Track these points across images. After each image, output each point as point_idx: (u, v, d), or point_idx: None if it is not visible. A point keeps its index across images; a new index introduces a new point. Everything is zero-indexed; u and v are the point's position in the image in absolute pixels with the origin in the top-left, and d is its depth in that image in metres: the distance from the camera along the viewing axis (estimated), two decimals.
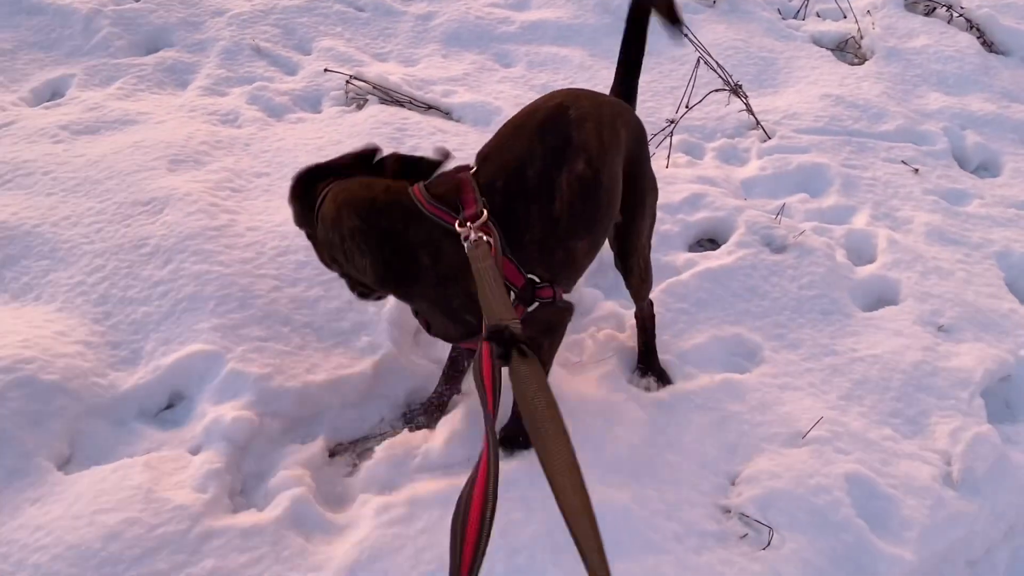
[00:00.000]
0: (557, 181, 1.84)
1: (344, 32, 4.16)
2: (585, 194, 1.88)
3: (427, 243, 1.81)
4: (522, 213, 1.83)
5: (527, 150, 1.87)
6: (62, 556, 1.80)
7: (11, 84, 3.67)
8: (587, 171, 1.87)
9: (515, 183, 1.84)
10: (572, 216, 1.87)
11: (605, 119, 1.95)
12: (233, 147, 3.24)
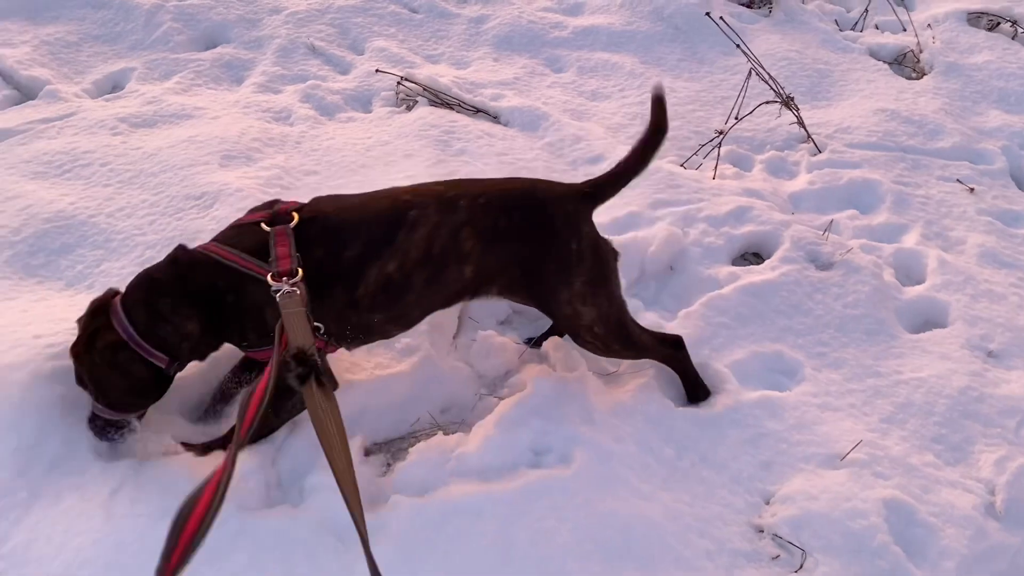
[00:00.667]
0: (367, 272, 2.00)
1: (397, 33, 4.20)
2: (388, 289, 2.02)
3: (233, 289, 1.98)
4: (328, 285, 1.98)
5: (353, 232, 2.02)
6: (100, 541, 1.86)
7: (75, 76, 3.77)
8: (396, 273, 2.01)
9: (331, 260, 1.99)
10: (373, 302, 2.03)
11: (447, 228, 2.02)
12: (284, 144, 3.29)
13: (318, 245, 1.99)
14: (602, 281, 2.16)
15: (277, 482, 2.10)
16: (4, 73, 3.68)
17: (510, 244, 2.07)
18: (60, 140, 3.19)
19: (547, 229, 2.09)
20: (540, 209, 2.10)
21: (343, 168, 3.17)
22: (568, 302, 2.12)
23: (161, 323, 1.98)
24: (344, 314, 2.03)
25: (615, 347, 2.27)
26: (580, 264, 2.10)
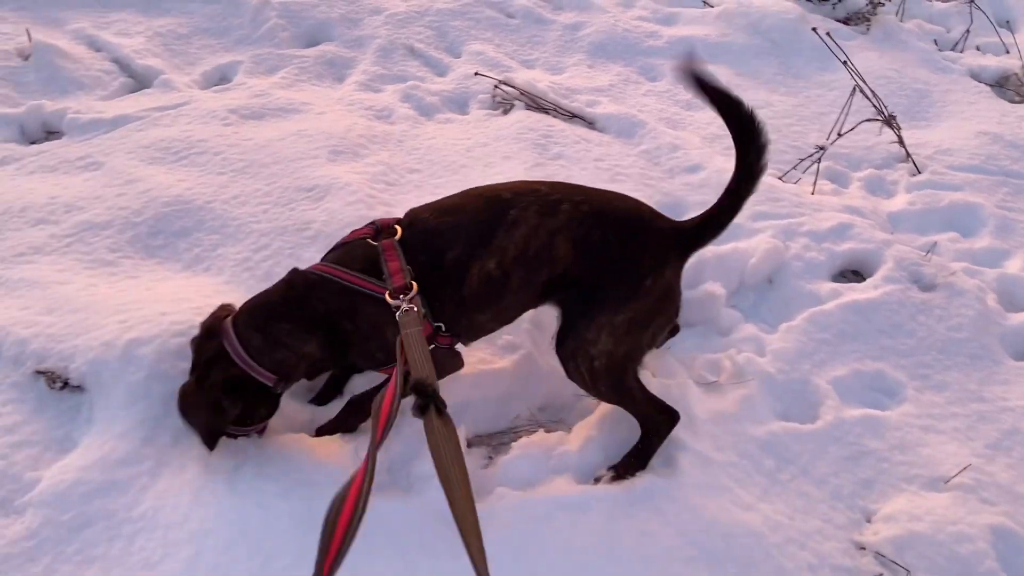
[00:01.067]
0: (469, 271, 2.03)
1: (494, 38, 4.27)
2: (489, 286, 2.05)
3: (350, 312, 2.03)
4: (436, 289, 2.02)
5: (453, 233, 2.05)
6: (224, 514, 1.94)
7: (185, 67, 3.92)
8: (496, 271, 2.04)
9: (435, 263, 2.03)
10: (477, 298, 2.06)
11: (544, 232, 2.04)
12: (387, 142, 3.37)
13: (422, 252, 2.03)
14: (643, 326, 2.10)
15: (388, 466, 2.16)
16: (121, 61, 3.84)
17: (596, 255, 2.07)
18: (175, 128, 3.32)
19: (634, 256, 2.07)
20: (637, 234, 2.08)
21: (444, 167, 3.24)
22: (600, 326, 2.05)
23: (278, 349, 2.04)
24: (455, 314, 2.07)
25: (601, 387, 2.15)
26: (640, 301, 2.06)
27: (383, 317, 1.94)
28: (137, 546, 1.89)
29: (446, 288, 2.04)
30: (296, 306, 2.04)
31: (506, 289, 2.08)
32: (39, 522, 1.91)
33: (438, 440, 1.57)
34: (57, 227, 2.80)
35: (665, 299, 2.12)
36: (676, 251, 2.12)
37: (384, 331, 1.99)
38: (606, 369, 2.10)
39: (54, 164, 3.16)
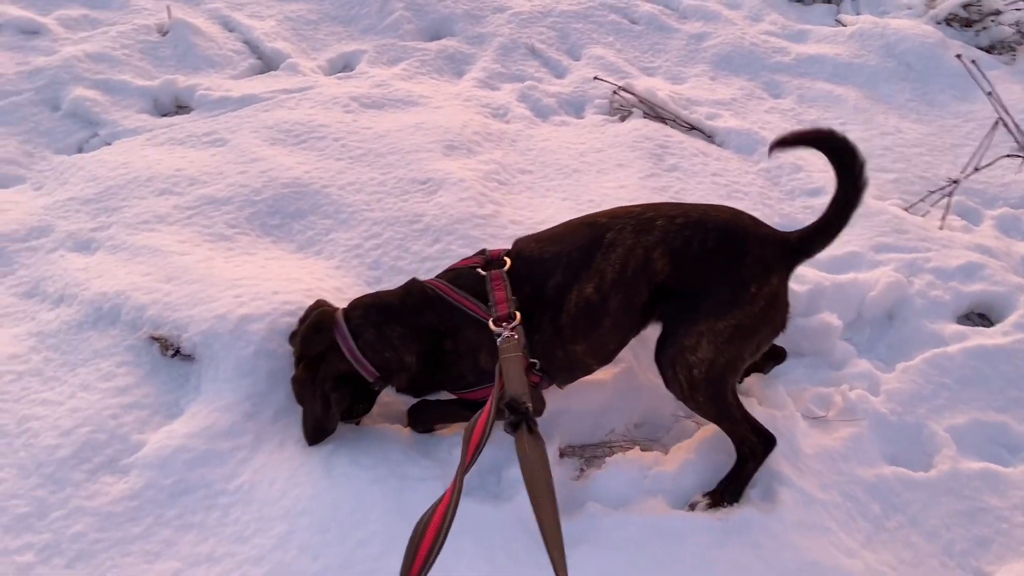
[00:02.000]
0: (568, 297, 2.04)
1: (615, 42, 4.22)
2: (587, 312, 2.04)
3: (453, 332, 2.08)
4: (536, 318, 2.04)
5: (555, 262, 2.07)
6: (318, 496, 1.95)
7: (312, 52, 4.01)
8: (594, 295, 2.03)
9: (537, 293, 2.05)
10: (574, 328, 2.06)
11: (641, 251, 2.02)
12: (502, 141, 3.37)
13: (526, 282, 2.06)
14: (748, 335, 2.04)
15: (478, 469, 2.14)
16: (252, 43, 3.96)
17: (696, 265, 2.02)
18: (299, 111, 3.40)
19: (735, 263, 2.02)
20: (738, 241, 2.04)
21: (557, 170, 3.21)
22: (700, 333, 2.00)
23: (388, 348, 2.08)
24: (551, 345, 2.07)
25: (699, 397, 2.08)
26: (745, 307, 2.00)
27: (481, 341, 2.01)
28: (232, 518, 1.93)
29: (544, 317, 2.05)
30: (411, 314, 2.09)
31: (604, 314, 2.06)
32: (142, 484, 1.97)
33: (528, 457, 1.60)
34: (181, 199, 2.89)
35: (771, 307, 2.06)
36: (782, 259, 2.07)
37: (479, 355, 2.05)
38: (705, 379, 2.04)
39: (182, 137, 3.28)
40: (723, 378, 2.06)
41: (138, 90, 3.54)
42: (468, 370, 2.10)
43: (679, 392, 2.09)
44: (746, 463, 2.14)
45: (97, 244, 2.71)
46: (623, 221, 2.07)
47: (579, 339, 2.08)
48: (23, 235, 2.76)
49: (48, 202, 2.92)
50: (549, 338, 2.06)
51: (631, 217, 2.08)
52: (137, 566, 1.83)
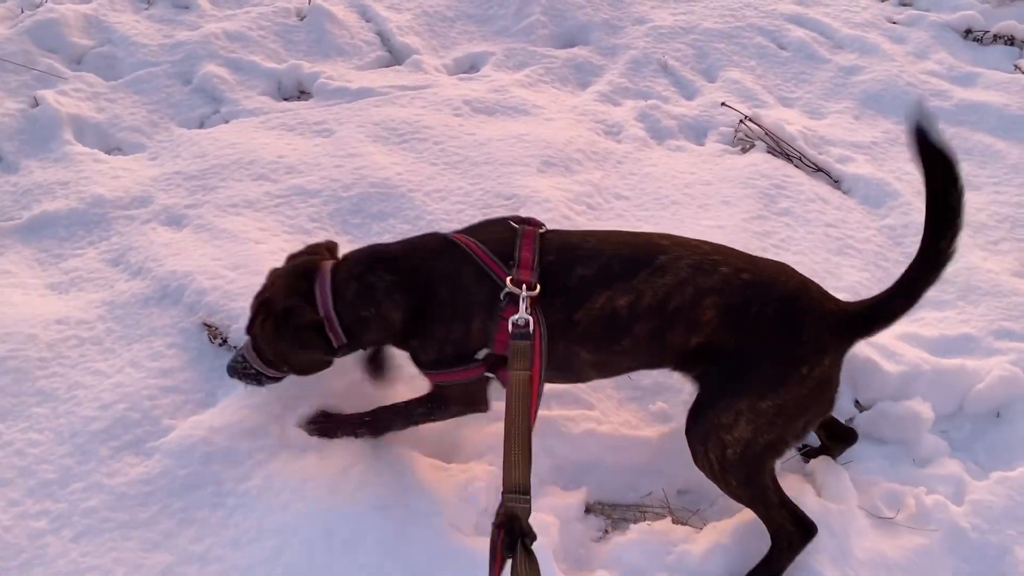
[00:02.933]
0: (593, 297, 1.84)
1: (757, 67, 3.96)
2: (610, 324, 1.85)
3: (453, 279, 1.90)
4: (549, 299, 1.83)
5: (593, 254, 1.89)
6: (318, 515, 1.92)
7: (441, 49, 4.00)
8: (624, 311, 1.84)
9: (561, 272, 1.86)
10: (588, 331, 1.87)
11: (692, 290, 1.83)
12: (606, 161, 3.23)
13: (552, 253, 1.88)
14: (793, 418, 1.85)
15: (492, 510, 2.05)
16: (384, 35, 3.99)
17: (748, 330, 1.83)
18: (408, 110, 3.39)
19: (790, 339, 1.82)
20: (800, 315, 1.84)
21: (655, 200, 3.04)
22: (739, 411, 1.81)
23: (369, 304, 1.93)
24: (554, 334, 1.86)
25: (731, 479, 1.90)
26: (792, 388, 1.81)
27: (482, 303, 1.85)
28: (233, 521, 1.93)
29: (559, 301, 1.85)
30: (409, 262, 1.95)
31: (626, 335, 1.87)
32: (159, 470, 2.01)
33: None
34: (274, 186, 2.95)
35: (821, 390, 1.86)
36: (839, 338, 1.87)
37: (471, 321, 1.88)
38: (740, 460, 1.86)
39: (294, 124, 3.35)
40: (761, 460, 1.88)
41: (265, 72, 3.64)
42: (454, 338, 1.90)
43: (709, 472, 1.91)
44: (780, 553, 1.94)
45: (187, 221, 2.81)
46: (683, 252, 1.88)
47: (588, 344, 1.90)
48: (126, 203, 2.89)
49: (156, 173, 3.05)
50: (555, 325, 1.84)
51: (694, 252, 1.89)
52: (134, 552, 1.86)
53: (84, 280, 2.58)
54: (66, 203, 2.86)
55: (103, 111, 3.37)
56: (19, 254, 2.69)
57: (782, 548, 1.94)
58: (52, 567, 1.83)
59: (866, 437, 2.37)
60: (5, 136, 3.18)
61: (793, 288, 1.89)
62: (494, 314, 1.84)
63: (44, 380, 2.21)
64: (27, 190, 2.96)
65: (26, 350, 2.26)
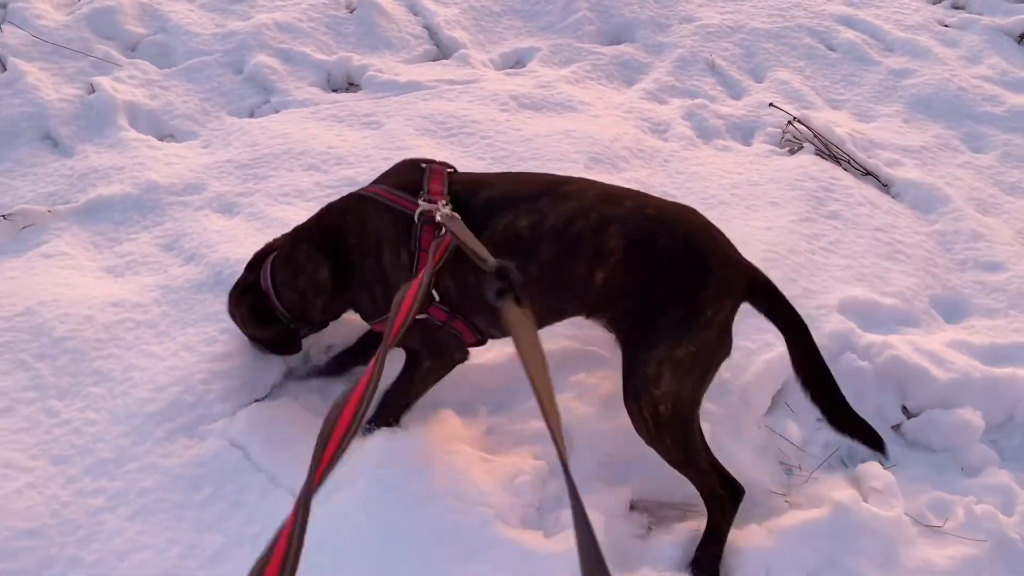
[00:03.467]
0: (496, 217, 1.86)
1: (805, 68, 3.93)
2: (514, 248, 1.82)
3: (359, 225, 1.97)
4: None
5: (498, 181, 1.95)
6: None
7: (487, 44, 4.01)
8: (526, 231, 1.85)
9: (465, 198, 1.89)
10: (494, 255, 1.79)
11: (596, 215, 1.83)
12: (652, 159, 3.22)
13: (458, 184, 1.94)
14: (706, 363, 1.86)
15: (538, 504, 2.06)
16: (431, 29, 4.01)
17: (654, 268, 1.82)
18: (456, 104, 3.41)
19: (696, 280, 1.81)
20: (705, 256, 1.83)
21: (701, 199, 3.02)
22: (659, 362, 1.80)
23: (300, 274, 2.05)
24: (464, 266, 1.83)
25: (666, 438, 1.90)
26: (701, 332, 1.80)
27: (397, 236, 1.89)
28: (284, 506, 1.92)
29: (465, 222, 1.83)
30: (319, 224, 2.08)
31: (532, 259, 1.85)
32: (211, 453, 2.04)
33: (517, 330, 1.47)
34: (324, 176, 2.98)
35: (723, 336, 1.86)
36: (740, 287, 1.85)
37: (383, 248, 1.93)
38: (673, 416, 1.86)
39: (343, 116, 3.38)
40: (689, 416, 1.89)
41: (314, 63, 3.68)
42: (373, 277, 1.97)
43: (645, 432, 1.91)
44: (719, 522, 1.96)
45: (239, 209, 2.85)
46: (590, 186, 1.91)
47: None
48: (179, 189, 2.94)
49: (209, 161, 3.10)
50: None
51: (601, 189, 1.92)
52: (187, 533, 1.90)
53: (139, 264, 2.63)
54: (121, 188, 2.91)
55: (156, 98, 3.42)
56: (75, 236, 2.75)
57: (718, 515, 1.96)
58: (109, 544, 1.87)
59: (913, 444, 2.36)
60: (62, 121, 3.25)
61: (699, 227, 1.88)
62: (412, 243, 1.87)
63: (101, 361, 2.26)
64: (83, 174, 3.01)
65: (83, 331, 2.31)
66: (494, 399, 2.30)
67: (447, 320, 1.98)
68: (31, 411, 2.13)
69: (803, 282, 2.65)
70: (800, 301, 2.55)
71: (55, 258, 2.62)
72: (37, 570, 1.82)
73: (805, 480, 2.24)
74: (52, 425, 2.09)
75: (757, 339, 2.42)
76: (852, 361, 2.42)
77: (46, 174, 3.05)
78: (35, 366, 2.23)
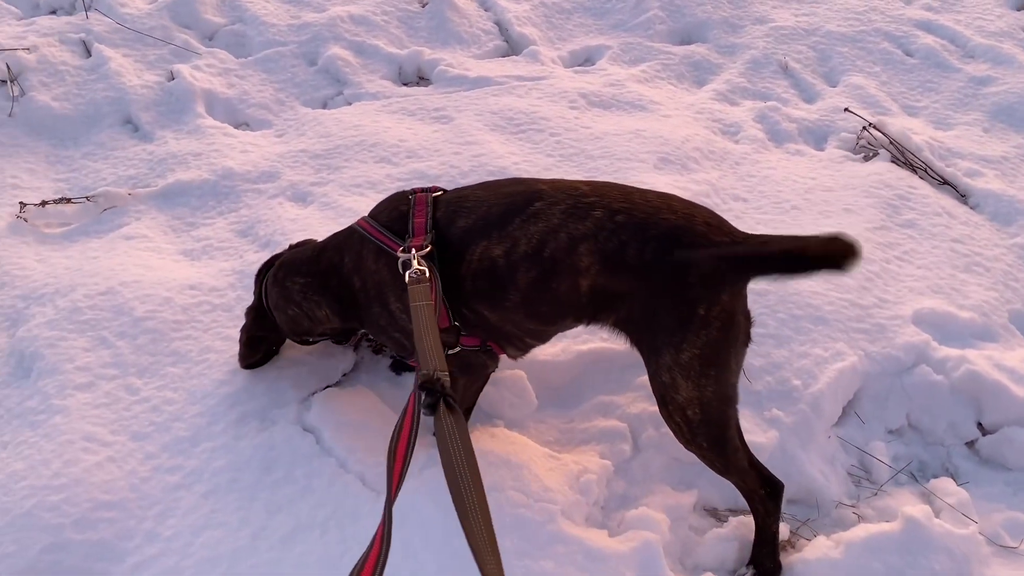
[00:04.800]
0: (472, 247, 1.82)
1: (881, 73, 3.84)
2: (490, 276, 1.82)
3: (358, 267, 1.96)
4: (444, 263, 1.82)
5: (475, 205, 1.87)
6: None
7: (557, 41, 4.01)
8: (501, 260, 1.80)
9: (445, 227, 1.86)
10: (475, 284, 1.84)
11: (565, 234, 1.76)
12: (723, 161, 3.19)
13: (441, 210, 1.89)
14: (719, 361, 1.75)
15: (603, 502, 2.06)
16: (502, 24, 4.03)
17: (632, 277, 1.74)
18: (526, 100, 3.41)
19: (676, 279, 1.71)
20: (680, 252, 1.70)
21: (773, 203, 2.99)
22: (668, 369, 1.74)
23: (291, 305, 2.08)
24: (456, 300, 1.86)
25: (702, 442, 1.83)
26: (699, 332, 1.70)
27: (389, 281, 1.88)
28: (352, 491, 1.98)
29: (447, 262, 1.83)
30: (316, 260, 2.06)
31: (510, 285, 1.82)
32: (282, 438, 2.08)
33: (446, 439, 1.40)
34: (395, 169, 3.02)
35: (730, 326, 1.74)
36: (733, 271, 1.73)
37: (387, 298, 1.92)
38: (704, 419, 1.79)
39: (413, 109, 3.41)
40: (723, 415, 1.81)
41: (387, 56, 3.72)
42: (386, 322, 1.97)
43: (680, 437, 1.86)
44: (765, 521, 1.93)
45: (312, 198, 2.90)
46: (560, 196, 1.80)
47: (484, 301, 1.86)
48: (255, 177, 3.00)
49: (283, 150, 3.15)
50: (453, 290, 1.84)
51: (571, 196, 1.80)
52: (259, 514, 1.94)
53: (215, 248, 2.69)
54: (198, 174, 2.98)
55: (233, 87, 3.49)
56: (154, 220, 2.82)
57: (762, 513, 1.92)
58: (185, 520, 1.92)
59: (988, 462, 2.30)
60: (143, 107, 3.34)
61: (674, 224, 1.73)
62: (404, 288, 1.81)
63: (179, 342, 2.32)
64: (162, 159, 3.09)
65: (162, 312, 2.37)
66: (560, 396, 2.31)
67: (481, 344, 1.96)
68: (112, 387, 2.20)
69: (877, 292, 2.60)
70: (873, 311, 2.53)
71: (135, 240, 2.70)
72: (115, 541, 1.88)
73: (875, 493, 2.20)
74: (132, 402, 2.16)
75: (829, 347, 2.39)
76: (927, 375, 2.37)
77: (127, 158, 3.14)
78: (116, 344, 2.30)
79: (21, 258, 2.64)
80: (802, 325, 2.44)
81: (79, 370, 2.22)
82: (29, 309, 2.43)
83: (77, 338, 2.31)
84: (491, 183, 2.01)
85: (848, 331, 2.46)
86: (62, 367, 2.23)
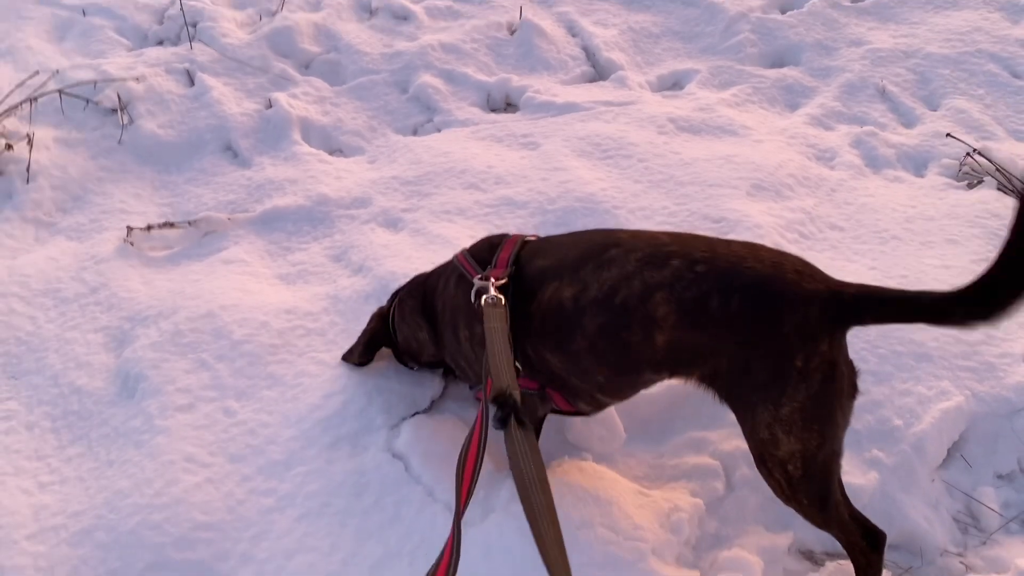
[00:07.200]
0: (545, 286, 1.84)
1: (986, 96, 3.69)
2: (558, 317, 1.81)
3: (443, 292, 2.05)
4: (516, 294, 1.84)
5: (554, 249, 1.92)
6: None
7: (645, 66, 3.99)
8: (569, 302, 1.79)
9: (527, 267, 1.89)
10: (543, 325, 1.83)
11: (639, 281, 1.71)
12: (819, 188, 3.11)
13: (527, 250, 1.95)
14: (822, 415, 1.64)
15: (695, 542, 2.01)
16: (589, 50, 4.03)
17: (716, 329, 1.65)
18: (613, 126, 3.40)
19: (769, 331, 1.60)
20: (769, 304, 1.61)
21: (872, 233, 2.89)
22: (768, 425, 1.65)
23: (405, 325, 2.21)
24: (522, 338, 1.84)
25: (802, 498, 1.73)
26: (799, 386, 1.60)
27: (463, 304, 1.93)
28: (440, 522, 1.98)
29: (521, 297, 1.85)
30: (422, 284, 2.18)
31: (576, 330, 1.78)
32: (373, 465, 2.10)
33: (518, 455, 1.47)
34: (483, 195, 3.04)
35: (832, 379, 1.63)
36: (830, 320, 1.61)
37: (458, 321, 1.99)
38: (805, 475, 1.69)
39: (501, 136, 3.44)
40: (826, 470, 1.72)
41: (475, 84, 3.76)
42: (454, 349, 2.05)
43: (780, 493, 1.77)
44: (867, 573, 1.83)
45: (403, 224, 2.94)
46: (638, 245, 1.76)
47: (550, 344, 1.84)
48: (348, 203, 3.07)
49: (375, 176, 3.22)
50: (519, 318, 1.82)
51: (649, 244, 1.75)
52: (349, 540, 1.96)
53: (309, 273, 2.76)
54: (294, 199, 3.06)
55: (328, 114, 3.59)
56: (252, 244, 2.91)
57: (863, 566, 1.82)
58: (279, 543, 1.95)
59: None
60: (242, 133, 3.46)
61: (761, 273, 1.64)
62: (472, 316, 1.88)
63: (275, 365, 2.37)
64: (260, 185, 3.19)
65: (259, 336, 2.44)
66: (649, 430, 2.27)
67: (539, 388, 1.94)
68: (210, 409, 2.26)
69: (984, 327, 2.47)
70: (981, 348, 2.42)
71: (234, 264, 2.78)
72: (213, 562, 1.92)
73: (983, 542, 2.09)
74: (229, 424, 2.22)
75: (933, 386, 2.29)
76: None
77: (226, 183, 3.25)
78: (215, 366, 2.37)
79: (127, 280, 2.75)
80: (904, 362, 2.34)
81: (180, 391, 2.30)
82: (135, 331, 2.53)
83: (179, 360, 2.39)
84: (579, 232, 2.06)
85: (954, 369, 2.35)
86: (164, 388, 2.31)
